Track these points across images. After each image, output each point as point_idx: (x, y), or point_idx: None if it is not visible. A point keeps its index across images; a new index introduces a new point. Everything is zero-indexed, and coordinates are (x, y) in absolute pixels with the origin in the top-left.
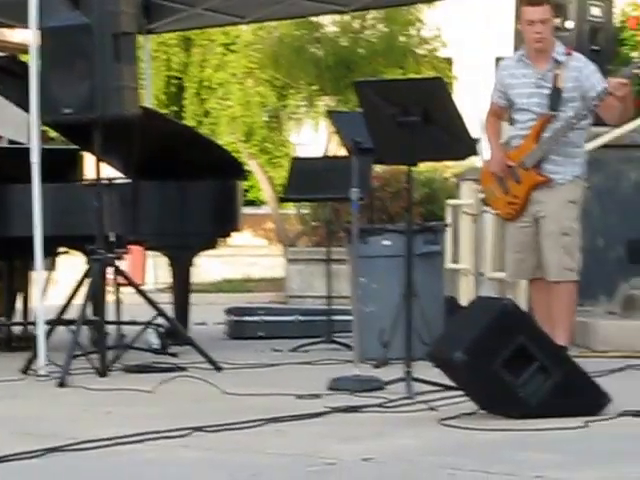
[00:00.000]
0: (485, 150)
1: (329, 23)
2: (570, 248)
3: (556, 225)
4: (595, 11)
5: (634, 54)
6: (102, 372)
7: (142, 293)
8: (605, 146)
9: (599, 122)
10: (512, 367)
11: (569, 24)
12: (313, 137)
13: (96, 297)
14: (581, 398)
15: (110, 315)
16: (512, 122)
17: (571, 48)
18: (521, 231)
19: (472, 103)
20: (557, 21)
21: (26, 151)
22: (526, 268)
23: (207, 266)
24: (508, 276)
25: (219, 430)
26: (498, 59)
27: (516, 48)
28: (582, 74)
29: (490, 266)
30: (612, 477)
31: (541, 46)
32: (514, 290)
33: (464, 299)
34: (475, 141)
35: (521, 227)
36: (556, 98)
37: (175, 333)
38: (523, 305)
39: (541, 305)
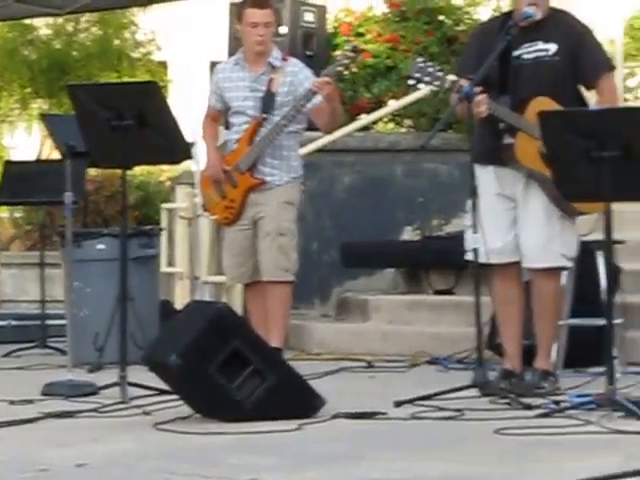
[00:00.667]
0: (203, 155)
1: (42, 26)
2: (286, 248)
3: (273, 225)
4: (308, 17)
5: (337, 52)
6: None
7: None
8: (319, 150)
9: (313, 127)
10: (227, 371)
11: (283, 29)
12: (26, 140)
13: None
14: (296, 401)
15: None
16: (228, 126)
17: (286, 53)
18: (240, 234)
19: (187, 107)
20: None
21: None
22: (245, 272)
23: None
24: (227, 280)
25: None
26: (213, 63)
27: (231, 52)
28: (297, 79)
29: (205, 270)
30: (326, 479)
31: (262, 49)
32: (229, 294)
33: (179, 303)
34: (190, 145)
35: (240, 230)
36: (269, 102)
37: None
38: (238, 309)
39: (257, 309)
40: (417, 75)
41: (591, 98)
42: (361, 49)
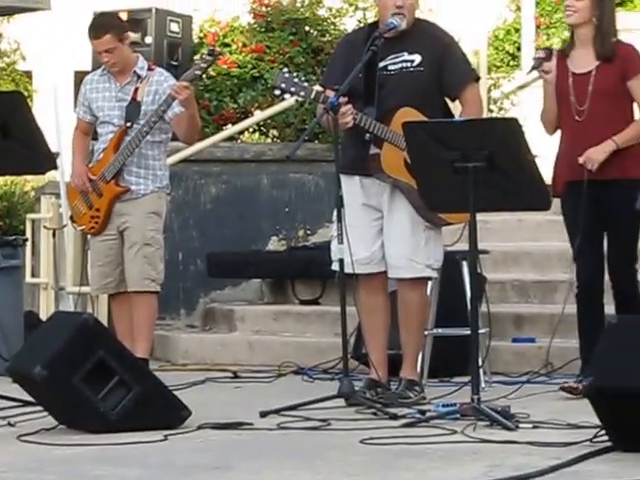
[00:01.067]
0: (68, 165)
1: None
2: (152, 259)
3: (139, 236)
4: (174, 27)
5: (196, 57)
6: None
7: None
8: (185, 160)
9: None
10: (92, 382)
11: (148, 39)
12: None
13: None
14: (161, 411)
15: None
16: (97, 136)
17: (152, 63)
18: (105, 244)
19: (51, 117)
20: (136, 36)
21: None
22: (110, 282)
23: None
24: (92, 290)
25: None
26: (77, 73)
27: (94, 62)
28: (162, 87)
29: (70, 280)
30: None
31: (116, 69)
32: (94, 305)
33: (44, 313)
34: (54, 155)
35: (105, 241)
36: (134, 111)
37: None
38: (104, 320)
39: (123, 320)
40: (282, 86)
41: (457, 109)
42: (219, 52)
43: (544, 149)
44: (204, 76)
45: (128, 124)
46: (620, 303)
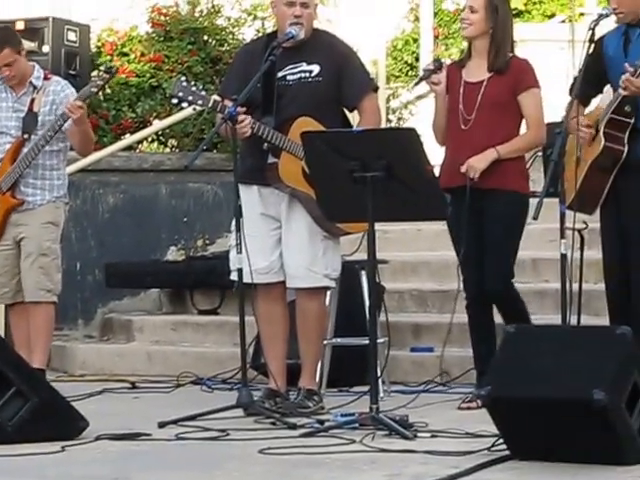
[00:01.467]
0: None
1: None
2: (48, 269)
3: (35, 246)
4: (72, 36)
5: (94, 73)
6: None
7: None
8: (83, 170)
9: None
10: None
11: (45, 48)
12: None
13: None
14: (59, 423)
15: None
16: None
17: (49, 72)
18: (2, 255)
19: None
20: (33, 45)
21: None
22: (6, 293)
23: None
24: None
25: None
26: None
27: None
28: (59, 97)
29: None
30: None
31: (12, 82)
32: None
33: None
34: None
35: (1, 251)
36: (31, 121)
37: None
38: (0, 330)
39: (20, 330)
40: (180, 95)
41: (356, 119)
42: (116, 69)
43: (442, 158)
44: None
45: (25, 135)
46: (502, 314)
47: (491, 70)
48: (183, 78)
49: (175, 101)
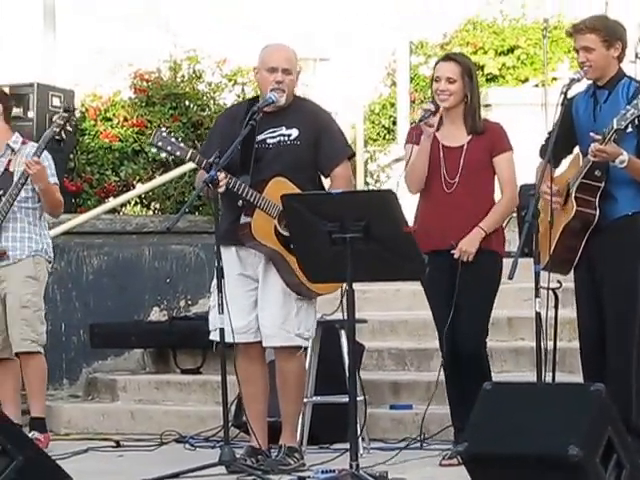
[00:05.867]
0: None
1: None
2: (30, 321)
3: (16, 300)
4: (56, 102)
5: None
6: None
7: None
8: (67, 232)
9: None
10: None
11: (30, 114)
12: None
13: None
14: None
15: None
16: None
17: (27, 137)
18: None
19: None
20: (18, 110)
21: None
22: None
23: None
24: None
25: None
26: None
27: None
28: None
29: None
30: None
31: None
32: None
33: None
34: None
35: None
36: (5, 180)
37: None
38: None
39: (5, 384)
40: (159, 144)
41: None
42: (74, 108)
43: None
44: (63, 138)
45: (1, 192)
46: (470, 373)
47: (470, 133)
48: (164, 129)
49: (154, 150)
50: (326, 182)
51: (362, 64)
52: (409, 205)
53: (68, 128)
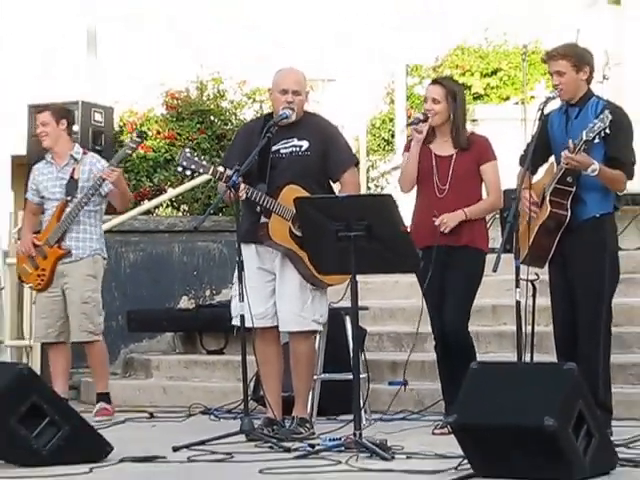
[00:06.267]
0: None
1: None
2: (90, 314)
3: (77, 296)
4: (98, 117)
5: (126, 139)
6: None
7: None
8: (109, 231)
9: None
10: (27, 422)
11: (75, 127)
12: None
13: None
14: (87, 447)
15: None
16: (44, 210)
17: (86, 149)
18: (50, 300)
19: None
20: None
21: None
22: (51, 333)
23: None
24: (35, 339)
25: None
26: (13, 157)
27: (29, 147)
28: (95, 167)
29: (8, 335)
30: None
31: (45, 144)
32: (29, 356)
33: None
34: None
35: (50, 297)
36: (72, 187)
37: None
38: (37, 369)
39: (57, 365)
40: (184, 163)
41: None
42: (146, 134)
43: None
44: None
45: (68, 198)
46: (454, 354)
47: (455, 147)
48: (187, 149)
49: (180, 169)
50: (336, 186)
51: (365, 84)
52: (407, 207)
53: (132, 145)
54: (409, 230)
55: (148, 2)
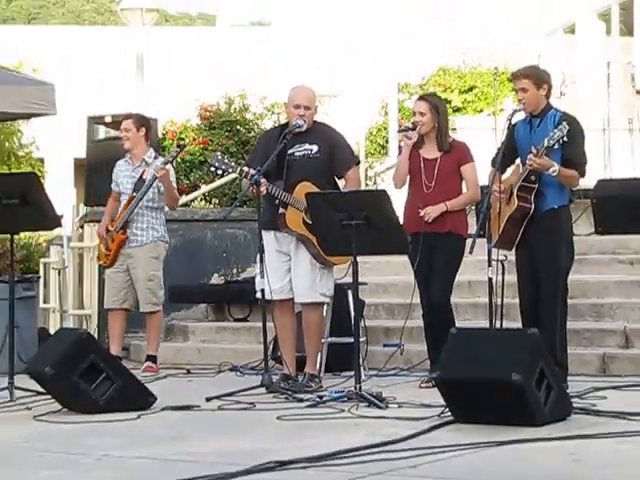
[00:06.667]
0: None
1: None
2: (153, 289)
3: (143, 274)
4: None
5: (172, 148)
6: None
7: None
8: None
9: None
10: (86, 377)
11: None
12: None
13: None
14: (136, 398)
15: None
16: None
17: (157, 154)
18: (116, 275)
19: (58, 190)
20: (117, 133)
21: None
22: (117, 300)
23: None
24: (106, 305)
25: None
26: (76, 159)
27: (88, 153)
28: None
29: (71, 305)
30: (157, 453)
31: (127, 146)
32: (88, 323)
33: (52, 329)
34: (59, 217)
35: (116, 272)
36: (139, 185)
37: None
38: (94, 333)
39: (116, 327)
40: (216, 164)
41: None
42: (184, 145)
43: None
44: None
45: (134, 194)
46: (438, 319)
47: (440, 151)
48: (218, 153)
49: (212, 169)
50: (340, 182)
51: (363, 99)
52: (400, 199)
53: (173, 154)
54: (401, 220)
55: (185, 33)
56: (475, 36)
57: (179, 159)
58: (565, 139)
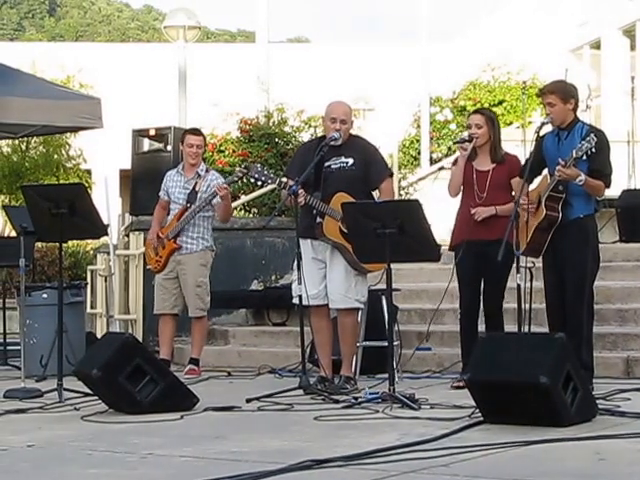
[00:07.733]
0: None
1: (4, 144)
2: (201, 295)
3: (192, 280)
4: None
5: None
6: None
7: None
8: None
9: None
10: (132, 379)
11: (169, 147)
12: None
13: None
14: (179, 399)
15: None
16: (169, 211)
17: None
18: (167, 281)
19: (106, 201)
20: (161, 145)
21: None
22: (166, 305)
23: None
24: (155, 310)
25: None
26: (122, 170)
27: (133, 164)
28: (213, 183)
29: (117, 310)
30: (199, 452)
31: (194, 162)
32: (134, 327)
33: (99, 333)
34: (106, 226)
35: (166, 278)
36: (192, 196)
37: None
38: (139, 337)
39: (166, 332)
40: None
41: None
42: (249, 167)
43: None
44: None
45: (188, 204)
46: (490, 325)
47: (493, 162)
48: (259, 165)
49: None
50: (375, 193)
51: (397, 113)
52: (440, 209)
53: (239, 175)
54: (453, 226)
55: (226, 49)
56: (504, 51)
57: (218, 170)
58: (593, 150)
